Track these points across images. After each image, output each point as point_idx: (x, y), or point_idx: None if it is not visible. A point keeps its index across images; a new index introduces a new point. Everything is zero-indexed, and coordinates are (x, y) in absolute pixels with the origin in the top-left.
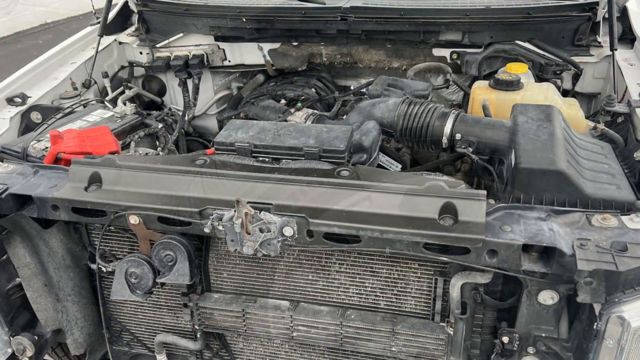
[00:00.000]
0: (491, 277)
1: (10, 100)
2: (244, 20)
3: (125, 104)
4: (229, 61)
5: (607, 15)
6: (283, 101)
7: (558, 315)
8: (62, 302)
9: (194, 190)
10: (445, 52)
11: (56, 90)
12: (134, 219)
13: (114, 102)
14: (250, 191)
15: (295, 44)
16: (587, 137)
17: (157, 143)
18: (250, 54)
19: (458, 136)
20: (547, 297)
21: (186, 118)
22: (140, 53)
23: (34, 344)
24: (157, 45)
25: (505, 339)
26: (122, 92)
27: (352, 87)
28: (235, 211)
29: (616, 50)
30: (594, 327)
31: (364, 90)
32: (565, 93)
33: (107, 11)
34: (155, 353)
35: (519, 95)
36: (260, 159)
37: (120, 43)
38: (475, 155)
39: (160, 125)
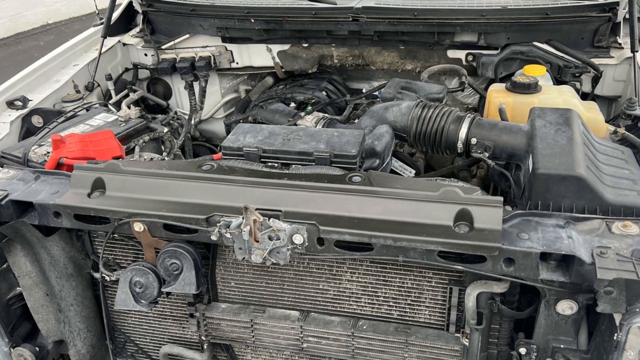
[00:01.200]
0: (508, 287)
1: (10, 104)
2: (253, 20)
3: (129, 108)
4: (237, 63)
5: (627, 16)
6: (293, 104)
7: (577, 325)
8: (64, 312)
9: (201, 197)
10: (461, 54)
11: (58, 94)
12: (138, 227)
13: (117, 105)
14: (259, 197)
15: (305, 45)
16: (607, 141)
17: (163, 148)
18: (259, 55)
19: (474, 141)
20: (566, 307)
21: (192, 122)
22: (145, 55)
23: (35, 356)
24: (163, 47)
25: (523, 351)
26: (127, 95)
27: (364, 90)
28: (243, 218)
29: (637, 52)
30: (614, 338)
31: (376, 93)
32: (584, 96)
33: (111, 11)
34: None
35: (537, 98)
36: (269, 164)
37: (124, 44)
38: (492, 160)
39: (165, 130)
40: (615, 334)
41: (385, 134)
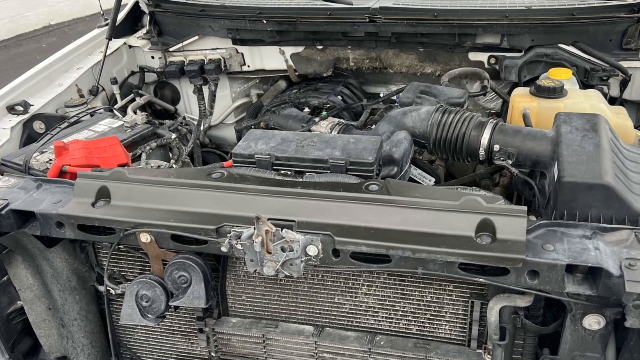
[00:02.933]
0: (532, 300)
1: (11, 109)
2: (265, 21)
3: (135, 113)
4: (248, 66)
5: None
6: (307, 109)
7: (604, 341)
8: (67, 327)
9: (210, 206)
10: (483, 57)
11: (61, 98)
12: (145, 237)
13: (123, 110)
14: (271, 207)
15: (319, 47)
16: (636, 148)
17: (170, 155)
18: (271, 58)
19: (496, 147)
20: (593, 322)
21: (202, 128)
22: (152, 57)
23: None
24: (170, 49)
25: None
26: (133, 100)
27: (381, 95)
28: (254, 228)
29: None
30: None
31: (394, 97)
32: (612, 101)
33: (116, 12)
34: None
35: (562, 103)
36: (282, 172)
37: (130, 47)
38: (515, 168)
39: (173, 136)
40: None
41: (403, 140)
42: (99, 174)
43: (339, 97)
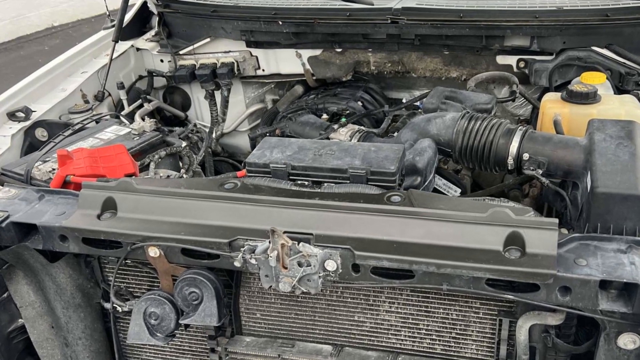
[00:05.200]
0: (564, 318)
1: (12, 115)
2: (281, 23)
3: (143, 120)
4: (263, 70)
5: None
6: (325, 116)
7: None
8: (71, 347)
9: (223, 219)
10: (511, 60)
11: (64, 104)
12: (153, 252)
13: (130, 117)
14: (287, 219)
15: (338, 50)
16: None
17: (181, 164)
18: (287, 61)
19: (526, 156)
20: (628, 341)
21: (214, 135)
22: (161, 61)
23: None
24: (181, 52)
25: None
26: (141, 106)
27: (404, 100)
28: (270, 242)
29: None
30: None
31: (417, 103)
32: None
33: (123, 13)
34: None
35: (596, 109)
36: (299, 182)
37: (138, 49)
38: (546, 178)
39: (183, 144)
40: None
41: (427, 148)
42: (104, 184)
43: (359, 103)
